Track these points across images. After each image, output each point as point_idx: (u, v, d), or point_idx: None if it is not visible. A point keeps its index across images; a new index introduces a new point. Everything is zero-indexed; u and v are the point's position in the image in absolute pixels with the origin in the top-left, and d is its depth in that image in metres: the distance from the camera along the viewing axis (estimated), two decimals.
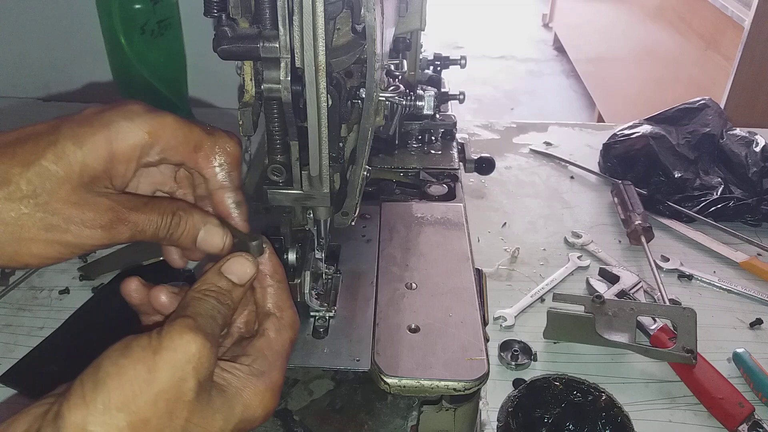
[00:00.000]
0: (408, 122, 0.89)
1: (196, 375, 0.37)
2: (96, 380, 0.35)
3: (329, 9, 0.44)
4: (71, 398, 0.35)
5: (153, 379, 0.36)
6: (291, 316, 0.46)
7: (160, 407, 0.36)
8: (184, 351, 0.37)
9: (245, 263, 0.44)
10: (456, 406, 0.55)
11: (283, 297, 0.47)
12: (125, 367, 0.36)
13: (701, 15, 2.11)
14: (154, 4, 1.03)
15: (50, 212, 0.39)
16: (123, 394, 0.35)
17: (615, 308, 0.76)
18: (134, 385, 0.35)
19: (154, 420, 0.35)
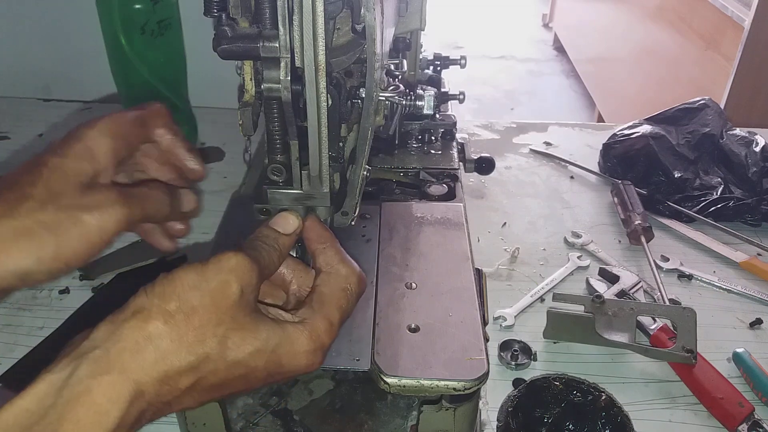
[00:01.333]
0: (408, 122, 0.89)
1: (239, 281, 0.42)
2: (155, 282, 0.42)
3: (329, 9, 0.44)
4: (135, 294, 0.41)
5: (201, 279, 0.41)
6: (343, 269, 0.49)
7: (206, 300, 0.41)
8: (227, 262, 0.42)
9: (289, 216, 0.50)
10: (456, 405, 0.55)
11: (331, 255, 0.50)
12: (179, 272, 0.42)
13: (701, 15, 2.11)
14: (154, 4, 1.03)
15: (70, 208, 0.44)
16: (175, 287, 0.41)
17: (615, 308, 0.76)
18: (185, 282, 0.41)
19: (200, 309, 0.40)
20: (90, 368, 0.36)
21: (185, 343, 0.39)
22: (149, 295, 0.40)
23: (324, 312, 0.46)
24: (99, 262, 0.87)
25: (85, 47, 1.30)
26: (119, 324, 0.39)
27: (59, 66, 1.41)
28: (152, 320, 0.39)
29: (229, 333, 0.41)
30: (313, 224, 0.51)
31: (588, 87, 3.42)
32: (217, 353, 0.41)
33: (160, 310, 0.39)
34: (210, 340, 0.40)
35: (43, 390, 0.36)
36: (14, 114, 1.24)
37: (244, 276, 0.42)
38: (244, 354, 0.42)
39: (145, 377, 0.38)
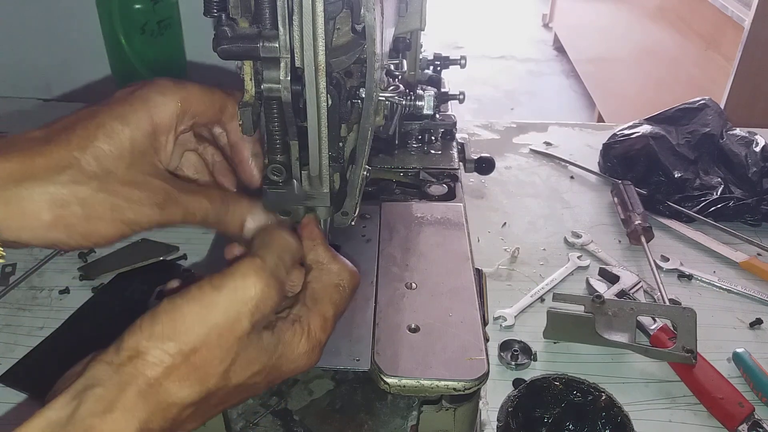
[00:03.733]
0: (408, 122, 0.89)
1: (252, 315, 0.40)
2: (152, 315, 0.39)
3: (329, 9, 0.44)
4: (131, 328, 0.39)
5: (207, 314, 0.39)
6: (334, 266, 0.49)
7: (212, 339, 0.39)
8: (244, 292, 0.40)
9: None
10: (456, 405, 0.55)
11: (321, 252, 0.49)
12: (179, 305, 0.39)
13: (701, 15, 2.11)
14: (154, 4, 1.03)
15: (111, 193, 0.42)
16: (174, 326, 0.38)
17: (615, 308, 0.76)
18: (186, 319, 0.39)
19: (203, 350, 0.38)
20: (93, 406, 0.35)
21: (187, 383, 0.38)
22: (144, 333, 0.38)
23: (318, 308, 0.46)
24: (99, 262, 0.87)
25: (85, 47, 1.30)
26: (116, 368, 0.37)
27: (59, 66, 1.41)
28: (149, 367, 0.37)
29: (232, 366, 0.40)
30: (308, 222, 0.51)
31: (588, 87, 3.42)
32: (220, 386, 0.40)
33: (157, 354, 0.38)
34: (212, 377, 0.39)
35: (42, 426, 0.35)
36: (14, 114, 1.24)
37: (258, 309, 0.40)
38: (245, 377, 0.41)
39: (150, 415, 0.37)
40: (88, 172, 0.41)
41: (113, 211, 0.42)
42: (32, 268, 0.86)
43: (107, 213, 0.42)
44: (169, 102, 0.46)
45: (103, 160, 0.42)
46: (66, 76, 1.41)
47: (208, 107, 0.49)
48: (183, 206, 0.45)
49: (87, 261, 0.88)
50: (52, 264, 0.87)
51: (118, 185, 0.43)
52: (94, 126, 0.43)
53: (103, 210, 0.42)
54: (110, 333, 0.80)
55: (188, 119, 0.47)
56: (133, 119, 0.44)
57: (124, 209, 0.43)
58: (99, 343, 0.77)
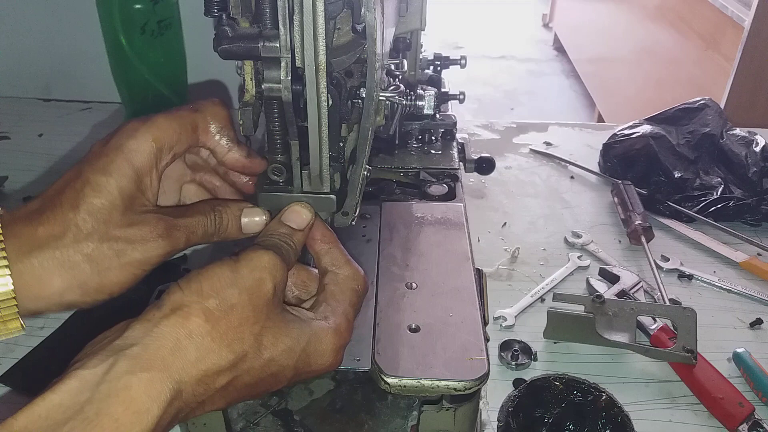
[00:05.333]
0: (408, 122, 0.89)
1: (272, 279, 0.42)
2: (189, 278, 0.41)
3: (329, 9, 0.44)
4: (170, 289, 0.40)
5: (236, 277, 0.41)
6: (349, 270, 0.50)
7: (244, 298, 0.41)
8: (259, 260, 0.43)
9: (301, 210, 0.50)
10: (456, 405, 0.55)
11: (336, 255, 0.50)
12: (212, 269, 0.42)
13: (701, 15, 2.11)
14: (154, 4, 1.03)
15: (114, 240, 0.44)
16: (212, 284, 0.40)
17: (615, 308, 0.76)
18: (221, 279, 0.41)
19: (238, 307, 0.40)
20: (129, 364, 0.36)
21: (226, 341, 0.39)
22: (186, 292, 0.40)
23: (342, 310, 0.47)
24: None
25: (85, 47, 1.30)
26: (157, 321, 0.38)
27: (59, 66, 1.41)
28: (193, 317, 0.38)
29: (264, 331, 0.41)
30: (317, 224, 0.51)
31: (588, 87, 3.42)
32: (254, 351, 0.41)
33: (200, 307, 0.39)
34: (248, 338, 0.40)
35: (76, 386, 0.35)
36: (14, 114, 1.24)
37: (276, 274, 0.43)
38: (278, 352, 0.42)
39: (186, 376, 0.37)
40: (86, 229, 0.43)
41: (120, 257, 0.44)
42: None
43: (114, 261, 0.44)
44: (142, 144, 0.47)
45: (97, 213, 0.44)
46: (66, 76, 1.41)
47: (180, 133, 0.49)
48: (183, 228, 0.47)
49: None
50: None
51: (117, 232, 0.44)
52: (81, 184, 0.44)
53: (110, 259, 0.44)
54: None
55: (166, 153, 0.48)
56: (114, 169, 0.45)
57: (130, 251, 0.45)
58: None
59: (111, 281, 0.45)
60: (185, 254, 0.88)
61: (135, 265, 0.45)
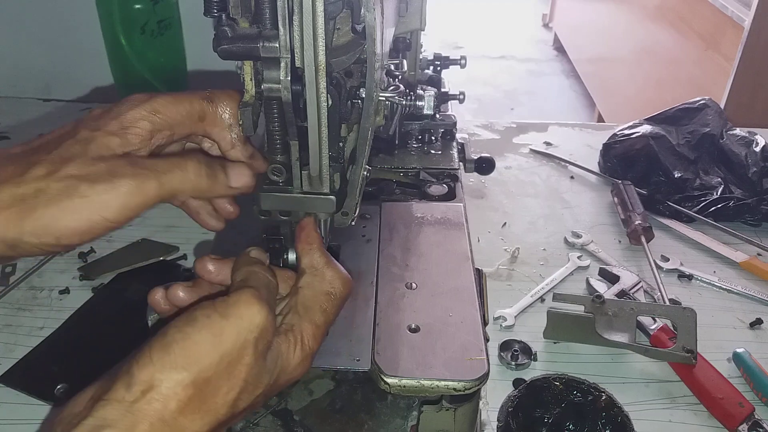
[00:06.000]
0: (408, 122, 0.89)
1: (258, 343, 0.40)
2: (163, 344, 0.38)
3: (329, 9, 0.44)
4: (140, 360, 0.37)
5: (217, 343, 0.38)
6: (328, 272, 0.48)
7: (222, 368, 0.38)
8: (250, 320, 0.40)
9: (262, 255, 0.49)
10: (456, 406, 0.55)
11: (316, 257, 0.49)
12: (190, 334, 0.38)
13: (701, 15, 2.11)
14: (154, 4, 1.03)
15: (68, 177, 0.40)
16: (188, 356, 0.38)
17: (615, 308, 0.76)
18: (199, 348, 0.38)
19: (214, 379, 0.38)
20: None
21: (199, 414, 0.38)
22: (158, 365, 0.37)
23: (309, 317, 0.46)
24: (99, 262, 0.87)
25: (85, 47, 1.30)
26: (129, 405, 0.36)
27: (59, 66, 1.41)
28: (165, 400, 0.36)
29: (240, 395, 0.40)
30: (307, 223, 0.51)
31: (588, 87, 3.42)
32: (227, 414, 0.40)
33: (171, 386, 0.37)
34: (221, 408, 0.39)
35: None
36: (14, 114, 1.24)
37: (264, 336, 0.40)
38: (250, 402, 0.41)
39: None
40: (50, 168, 0.41)
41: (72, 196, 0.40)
42: (32, 268, 0.86)
43: (68, 201, 0.40)
44: (140, 114, 0.46)
45: (68, 156, 0.42)
46: (66, 76, 1.41)
47: (184, 117, 0.47)
48: (154, 170, 0.42)
49: (87, 261, 0.87)
50: (52, 264, 0.87)
51: (80, 168, 0.41)
52: (65, 133, 0.44)
53: (60, 196, 0.40)
54: (110, 333, 0.80)
55: (165, 131, 0.47)
56: (103, 127, 0.44)
57: (84, 188, 0.40)
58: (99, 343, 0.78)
59: (61, 223, 0.40)
60: (185, 253, 0.88)
61: (91, 207, 0.40)
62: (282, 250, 0.54)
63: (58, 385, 0.68)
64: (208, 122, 0.49)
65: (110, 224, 0.41)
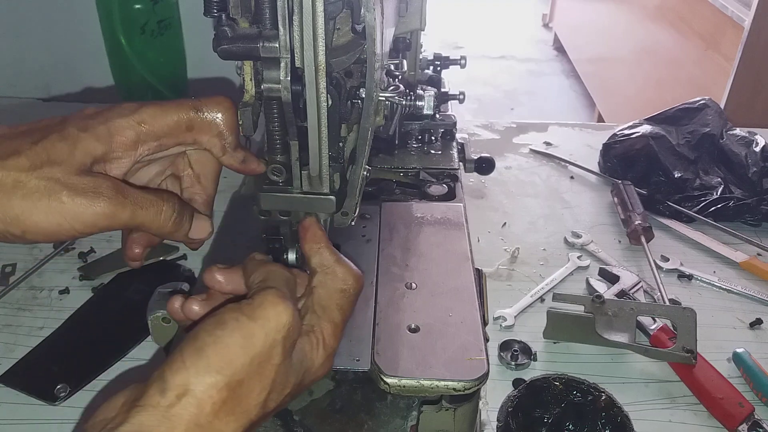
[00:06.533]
0: (408, 122, 0.89)
1: (285, 342, 0.41)
2: (195, 348, 0.39)
3: (329, 9, 0.44)
4: (173, 365, 0.38)
5: (248, 345, 0.39)
6: (339, 270, 0.48)
7: (253, 369, 0.39)
8: (277, 320, 0.41)
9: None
10: (456, 406, 0.55)
11: (325, 256, 0.49)
12: (221, 337, 0.39)
13: (701, 15, 2.11)
14: (154, 4, 1.03)
15: (53, 180, 0.41)
16: (221, 359, 0.38)
17: (615, 308, 0.76)
18: (231, 350, 0.39)
19: (246, 380, 0.39)
20: None
21: (233, 416, 0.39)
22: (191, 371, 0.38)
23: (327, 316, 0.46)
24: (99, 262, 0.87)
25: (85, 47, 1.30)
26: (164, 410, 0.36)
27: (59, 66, 1.41)
28: (201, 404, 0.37)
29: (270, 395, 0.41)
30: (310, 223, 0.51)
31: (588, 87, 3.42)
32: (258, 414, 0.41)
33: (206, 391, 0.37)
34: (254, 408, 0.40)
35: None
36: (14, 114, 1.24)
37: (291, 335, 0.42)
38: (279, 402, 0.42)
39: None
40: (34, 162, 0.41)
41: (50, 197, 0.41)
42: (32, 268, 0.86)
43: (43, 199, 0.41)
44: (128, 123, 0.46)
45: (52, 153, 0.42)
46: (66, 76, 1.41)
47: (171, 128, 0.48)
48: (132, 198, 0.44)
49: (87, 261, 0.87)
50: (52, 264, 0.87)
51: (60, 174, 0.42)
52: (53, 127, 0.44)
53: (38, 194, 0.41)
54: (110, 333, 0.80)
55: (151, 141, 0.47)
56: (91, 130, 0.44)
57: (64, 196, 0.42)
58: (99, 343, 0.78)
59: (31, 219, 0.41)
60: (185, 254, 0.88)
61: (64, 213, 0.41)
62: (282, 250, 0.54)
63: (58, 385, 0.68)
64: (196, 131, 0.49)
65: (75, 234, 0.43)
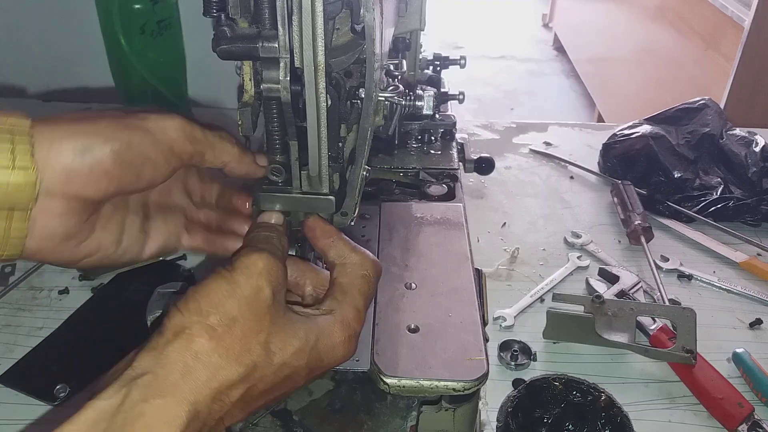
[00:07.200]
0: (407, 122, 0.89)
1: (270, 284, 0.42)
2: (186, 299, 0.41)
3: (328, 9, 0.44)
4: (169, 312, 0.40)
5: (234, 288, 0.41)
6: (356, 257, 0.50)
7: (244, 309, 0.40)
8: (254, 266, 0.42)
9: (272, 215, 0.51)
10: (455, 406, 0.55)
11: (341, 247, 0.50)
12: (207, 284, 0.41)
13: (701, 15, 2.11)
14: (154, 4, 1.03)
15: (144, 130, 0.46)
16: (210, 300, 0.40)
17: (615, 308, 0.76)
18: (219, 293, 0.41)
19: (240, 319, 0.40)
20: (142, 393, 0.36)
21: (233, 355, 0.39)
22: (185, 313, 0.40)
23: (348, 300, 0.47)
24: None
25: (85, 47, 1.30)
26: (162, 348, 0.38)
27: (59, 66, 1.41)
28: (196, 338, 0.38)
29: (270, 337, 0.41)
30: (315, 221, 0.51)
31: (588, 87, 3.42)
32: (263, 360, 0.41)
33: (201, 326, 0.39)
34: (255, 348, 0.40)
35: (93, 416, 0.35)
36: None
37: (273, 277, 0.43)
38: (287, 355, 0.42)
39: (199, 396, 0.37)
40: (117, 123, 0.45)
41: (156, 144, 0.45)
42: (32, 269, 0.86)
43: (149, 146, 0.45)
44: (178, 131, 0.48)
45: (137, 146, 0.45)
46: (65, 76, 1.41)
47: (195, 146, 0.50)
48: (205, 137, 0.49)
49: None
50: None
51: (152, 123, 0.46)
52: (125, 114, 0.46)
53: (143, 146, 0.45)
54: (110, 333, 0.80)
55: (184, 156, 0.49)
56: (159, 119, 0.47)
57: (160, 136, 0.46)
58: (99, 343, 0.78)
59: (147, 170, 0.45)
60: (185, 254, 0.88)
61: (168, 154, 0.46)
62: None
63: (57, 385, 0.68)
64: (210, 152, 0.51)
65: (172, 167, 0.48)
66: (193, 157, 0.49)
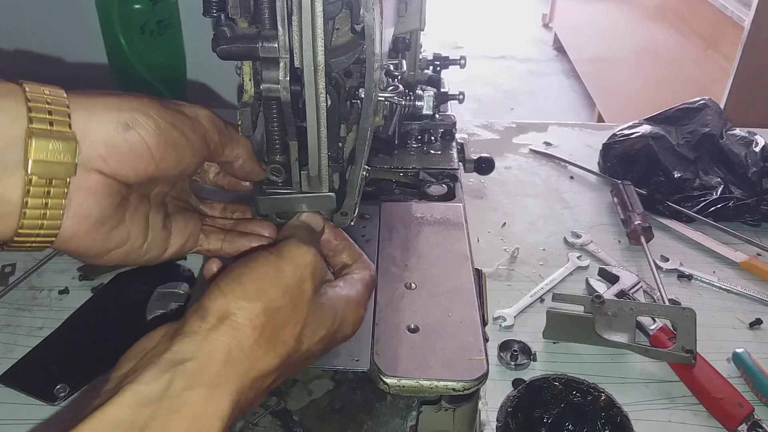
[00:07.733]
0: (407, 122, 0.89)
1: (313, 278, 0.44)
2: (231, 278, 0.41)
3: (328, 9, 0.44)
4: (211, 294, 0.40)
5: (280, 277, 0.42)
6: (365, 261, 0.54)
7: (287, 300, 0.41)
8: (302, 258, 0.44)
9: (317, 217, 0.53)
10: (455, 406, 0.55)
11: (350, 249, 0.53)
12: (255, 268, 0.42)
13: (701, 15, 2.11)
14: (153, 4, 1.03)
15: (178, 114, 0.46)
16: (257, 286, 0.40)
17: (614, 308, 0.76)
18: (265, 280, 0.41)
19: (282, 310, 0.41)
20: (187, 380, 0.36)
21: (272, 345, 0.40)
22: (229, 297, 0.39)
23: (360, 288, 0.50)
24: None
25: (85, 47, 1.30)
26: (206, 334, 0.38)
27: (59, 66, 1.41)
28: (241, 328, 0.38)
29: (304, 330, 0.43)
30: (327, 226, 0.54)
31: (588, 87, 3.42)
32: (295, 350, 0.42)
33: (246, 314, 0.39)
34: (290, 340, 0.41)
35: (135, 401, 0.34)
36: None
37: (317, 272, 0.44)
38: (314, 343, 0.44)
39: (241, 386, 0.38)
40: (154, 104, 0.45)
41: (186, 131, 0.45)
42: (32, 268, 0.86)
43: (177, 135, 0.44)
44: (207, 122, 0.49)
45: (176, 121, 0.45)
46: (65, 76, 1.41)
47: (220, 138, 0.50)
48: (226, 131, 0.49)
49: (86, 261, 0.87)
50: (51, 264, 0.87)
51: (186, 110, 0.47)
52: None
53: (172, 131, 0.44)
54: (110, 333, 0.80)
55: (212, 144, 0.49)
56: None
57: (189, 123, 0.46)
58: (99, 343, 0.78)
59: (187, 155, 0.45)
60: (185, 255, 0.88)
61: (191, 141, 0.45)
62: None
63: (57, 385, 0.68)
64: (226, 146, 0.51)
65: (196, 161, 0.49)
66: (218, 148, 0.49)
